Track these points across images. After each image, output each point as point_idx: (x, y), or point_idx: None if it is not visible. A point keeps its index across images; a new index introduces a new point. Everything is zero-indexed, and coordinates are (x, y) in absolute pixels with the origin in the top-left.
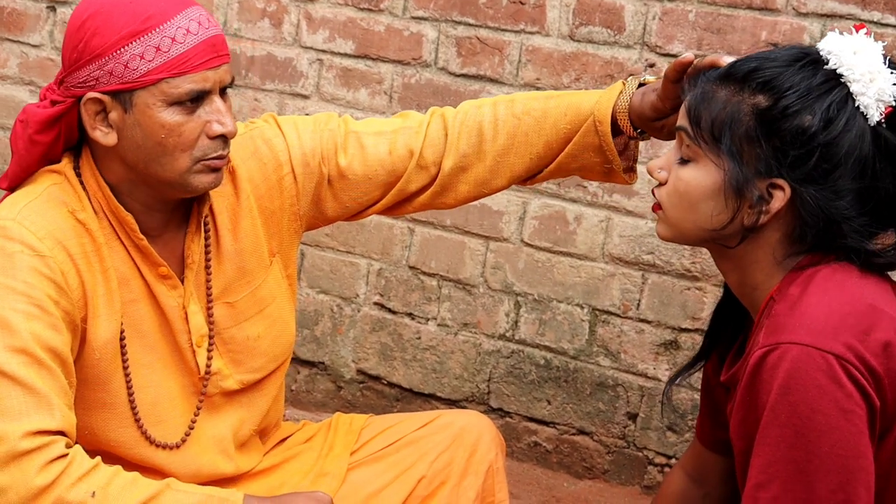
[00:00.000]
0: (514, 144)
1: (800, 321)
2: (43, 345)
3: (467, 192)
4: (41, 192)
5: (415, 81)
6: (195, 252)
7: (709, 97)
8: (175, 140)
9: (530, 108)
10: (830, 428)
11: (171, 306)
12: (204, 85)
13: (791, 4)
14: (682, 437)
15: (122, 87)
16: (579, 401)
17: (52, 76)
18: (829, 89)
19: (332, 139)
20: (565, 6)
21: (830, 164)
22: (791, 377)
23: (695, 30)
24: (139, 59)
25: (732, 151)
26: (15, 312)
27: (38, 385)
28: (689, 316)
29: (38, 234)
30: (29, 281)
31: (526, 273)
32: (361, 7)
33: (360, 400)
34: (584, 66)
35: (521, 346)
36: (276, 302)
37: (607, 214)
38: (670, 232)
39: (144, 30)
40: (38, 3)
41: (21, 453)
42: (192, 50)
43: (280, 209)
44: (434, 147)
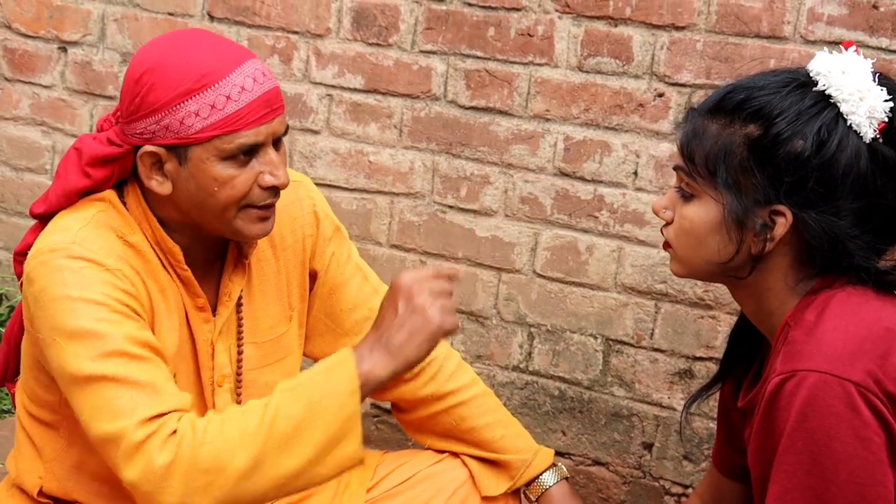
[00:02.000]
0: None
1: (817, 348)
2: (135, 341)
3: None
4: (90, 218)
5: (424, 115)
6: (233, 290)
7: (700, 133)
8: (228, 192)
9: (476, 424)
10: (848, 456)
11: (202, 340)
12: (256, 139)
13: (799, 32)
14: (699, 466)
15: (178, 142)
16: (594, 431)
17: (63, 116)
18: (818, 111)
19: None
20: (573, 38)
21: (828, 185)
22: (808, 404)
23: (703, 59)
24: (194, 117)
25: (729, 184)
26: (100, 322)
27: (140, 377)
28: (702, 344)
29: (99, 252)
30: (105, 291)
31: (539, 304)
32: (370, 42)
33: (374, 434)
34: (593, 96)
35: (535, 378)
36: (293, 356)
37: (619, 244)
38: (683, 269)
39: (200, 88)
40: (49, 44)
41: (139, 443)
42: (247, 108)
43: (301, 264)
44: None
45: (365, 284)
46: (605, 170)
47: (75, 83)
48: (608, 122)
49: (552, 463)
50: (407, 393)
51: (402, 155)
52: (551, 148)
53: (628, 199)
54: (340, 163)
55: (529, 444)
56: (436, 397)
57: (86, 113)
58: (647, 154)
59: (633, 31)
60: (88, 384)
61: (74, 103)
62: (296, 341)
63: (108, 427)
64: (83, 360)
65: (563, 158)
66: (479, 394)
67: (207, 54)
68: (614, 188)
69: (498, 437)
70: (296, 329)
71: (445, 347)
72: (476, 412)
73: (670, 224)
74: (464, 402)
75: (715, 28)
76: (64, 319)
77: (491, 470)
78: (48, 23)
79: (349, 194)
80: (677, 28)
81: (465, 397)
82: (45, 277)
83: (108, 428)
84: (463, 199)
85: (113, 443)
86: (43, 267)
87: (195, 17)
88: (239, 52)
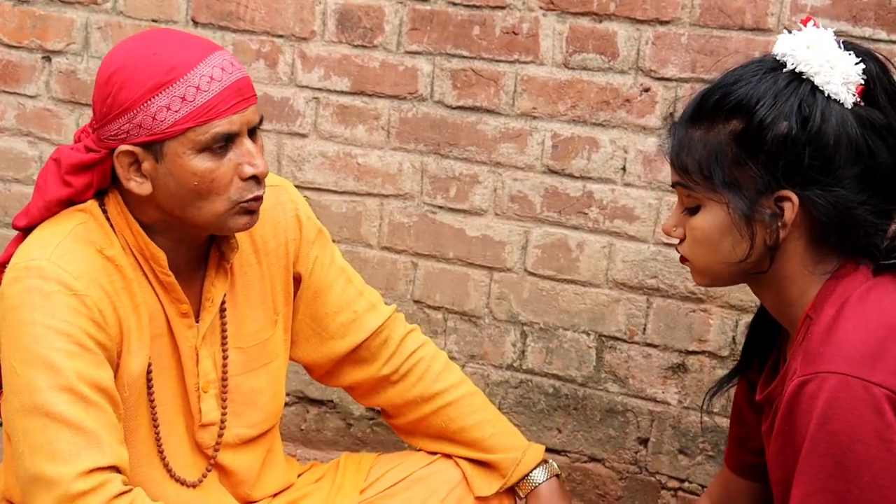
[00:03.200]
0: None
1: (837, 349)
2: (88, 382)
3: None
4: (69, 232)
5: (412, 115)
6: (216, 295)
7: (686, 143)
8: (208, 186)
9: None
10: (871, 458)
11: (186, 346)
12: (230, 128)
13: (783, 24)
14: (694, 460)
15: (152, 138)
16: (589, 428)
17: (49, 126)
18: (795, 89)
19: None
20: (558, 35)
21: (823, 159)
22: (830, 407)
23: (688, 52)
24: (166, 111)
25: (727, 183)
26: (57, 352)
27: (85, 423)
28: (695, 338)
29: (73, 273)
30: (68, 320)
31: (531, 302)
32: (355, 44)
33: (370, 437)
34: (580, 93)
35: (529, 376)
36: (278, 359)
37: (609, 240)
38: (705, 279)
39: (169, 81)
40: (32, 53)
41: (76, 495)
42: (217, 97)
43: (285, 269)
44: (398, 361)
45: (349, 287)
46: (593, 166)
47: (60, 93)
48: (595, 119)
49: (543, 460)
50: (395, 397)
51: (390, 156)
52: (539, 146)
53: (617, 194)
54: (329, 166)
55: (519, 441)
56: (424, 399)
57: (72, 122)
58: (634, 149)
59: (617, 26)
60: (33, 416)
61: (60, 113)
62: (281, 346)
63: (45, 468)
64: (34, 391)
65: (551, 156)
66: (467, 393)
67: (174, 49)
68: (603, 184)
69: (487, 436)
70: (281, 333)
71: (432, 348)
72: (464, 412)
73: (683, 240)
74: (452, 403)
75: (699, 21)
76: (25, 343)
77: (482, 470)
78: (31, 32)
79: (338, 197)
80: (662, 22)
81: (453, 397)
82: (16, 297)
83: (46, 470)
84: (452, 199)
85: (45, 485)
86: (16, 285)
87: (179, 23)
88: (205, 44)
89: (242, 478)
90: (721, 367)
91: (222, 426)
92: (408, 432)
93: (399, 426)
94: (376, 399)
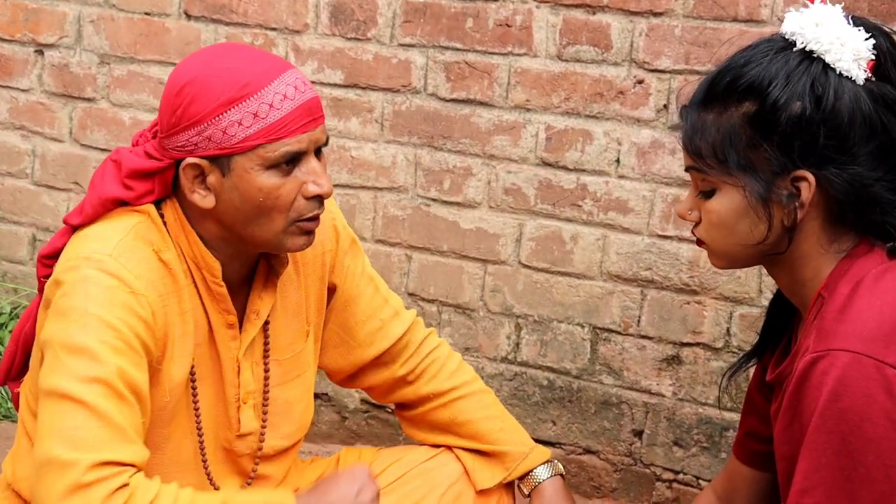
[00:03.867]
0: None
1: (851, 328)
2: (126, 380)
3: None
4: (130, 229)
5: (405, 108)
6: (262, 308)
7: (699, 127)
8: (273, 203)
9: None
10: (879, 437)
11: (228, 357)
12: (300, 147)
13: (776, 15)
14: (689, 451)
15: (220, 152)
16: (584, 420)
17: (42, 120)
18: (806, 68)
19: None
20: (552, 27)
21: (838, 137)
22: (841, 384)
23: (682, 44)
24: (237, 126)
25: (742, 165)
26: (103, 344)
27: (116, 418)
28: (689, 330)
29: (133, 271)
30: (121, 316)
31: (525, 295)
32: (349, 37)
33: (365, 430)
34: (573, 85)
35: (524, 368)
36: (309, 370)
37: (603, 232)
38: (722, 261)
39: (242, 97)
40: (25, 47)
41: (85, 484)
42: (290, 115)
43: (320, 279)
44: (415, 364)
45: (376, 295)
46: (587, 158)
47: (53, 86)
48: (589, 111)
49: (548, 459)
50: (409, 394)
51: (384, 149)
52: (533, 138)
53: (611, 186)
54: None
55: (526, 440)
56: (436, 394)
57: (65, 116)
58: (628, 141)
59: (611, 18)
60: (63, 401)
61: (53, 106)
62: (311, 357)
63: (60, 452)
64: (71, 378)
65: (545, 148)
66: (478, 390)
67: (248, 64)
68: (597, 176)
69: (496, 430)
70: (311, 345)
71: (447, 349)
72: (474, 406)
73: (699, 224)
74: (463, 397)
75: (693, 13)
76: (73, 331)
77: (485, 462)
78: (24, 25)
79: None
80: (655, 14)
81: (465, 392)
82: (72, 284)
83: (61, 454)
84: (446, 191)
85: (57, 469)
86: (73, 273)
87: (172, 16)
88: (278, 62)
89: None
90: (715, 358)
91: (262, 438)
92: (415, 424)
93: (409, 417)
94: (391, 397)
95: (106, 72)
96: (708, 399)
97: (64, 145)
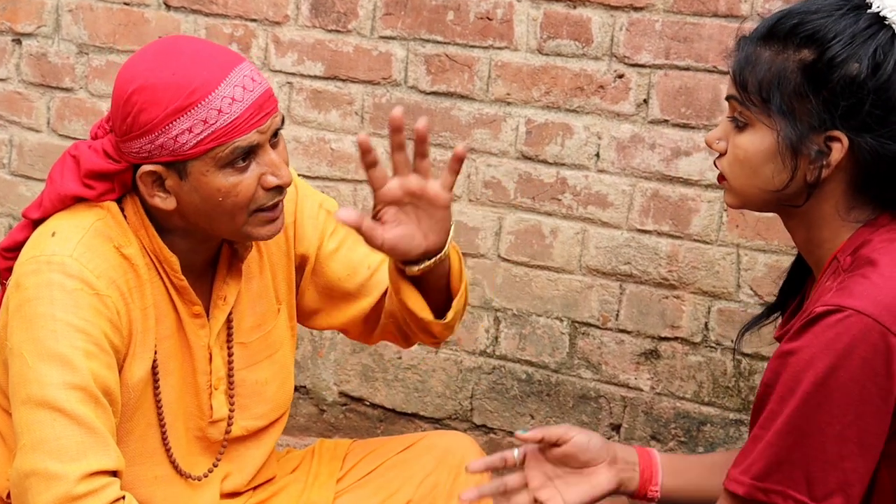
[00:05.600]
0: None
1: (871, 291)
2: (100, 383)
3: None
4: (89, 227)
5: (385, 101)
6: (229, 294)
7: (752, 60)
8: (233, 200)
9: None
10: (856, 402)
11: (199, 346)
12: (251, 141)
13: (756, 10)
14: (666, 445)
15: (174, 159)
16: (562, 414)
17: (20, 109)
18: (874, 33)
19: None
20: (532, 20)
21: (885, 108)
22: (843, 342)
23: (662, 39)
24: (188, 134)
25: (783, 110)
26: (75, 350)
27: (95, 424)
28: (667, 324)
29: (94, 271)
30: (89, 319)
31: (504, 288)
32: (329, 29)
33: (343, 422)
34: (554, 79)
35: (503, 362)
36: (283, 348)
37: (583, 227)
38: (737, 200)
39: (190, 104)
40: (2, 36)
41: (78, 496)
42: (239, 118)
43: (286, 255)
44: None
45: (357, 247)
46: (567, 152)
47: (31, 75)
48: (569, 105)
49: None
50: (354, 312)
51: None
52: (513, 132)
53: (591, 181)
54: (302, 151)
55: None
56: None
57: (42, 106)
58: (608, 136)
59: (591, 12)
60: (42, 410)
61: (31, 96)
62: (286, 333)
63: (47, 464)
64: (47, 386)
65: (525, 142)
66: None
67: (194, 68)
68: (577, 171)
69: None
70: (285, 321)
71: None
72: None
73: (723, 155)
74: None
75: (673, 8)
76: (42, 337)
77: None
78: (1, 14)
79: (312, 182)
80: (636, 9)
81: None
82: (35, 289)
83: (48, 466)
84: None
85: (44, 482)
86: (35, 277)
87: (151, 6)
88: (226, 59)
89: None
90: (693, 353)
91: (230, 421)
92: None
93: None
94: (336, 325)
95: (84, 62)
96: (686, 393)
97: (42, 135)
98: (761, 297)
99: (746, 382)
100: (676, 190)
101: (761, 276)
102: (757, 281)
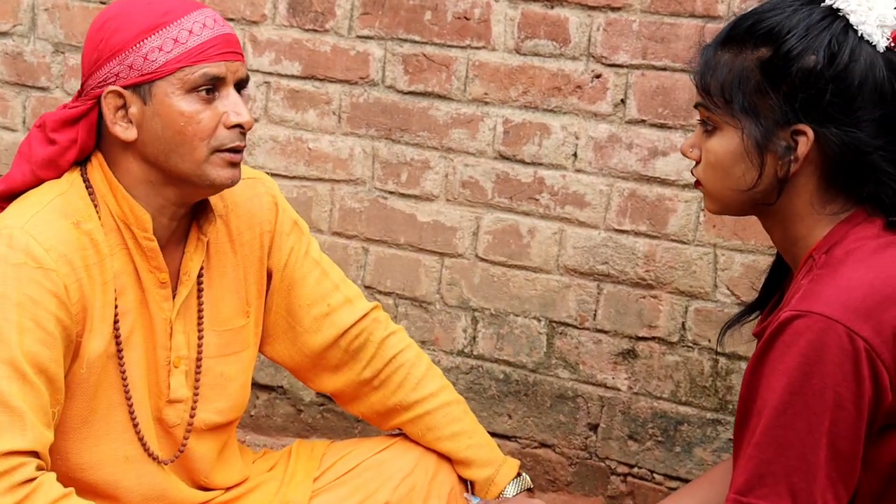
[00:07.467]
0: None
1: (837, 294)
2: (32, 360)
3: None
4: (47, 203)
5: (363, 100)
6: (192, 268)
7: (713, 64)
8: (194, 128)
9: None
10: (836, 406)
11: (161, 319)
12: (220, 70)
13: (733, 11)
14: (644, 445)
15: (142, 79)
16: (540, 414)
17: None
18: (828, 25)
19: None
20: (510, 20)
21: (845, 98)
22: (812, 348)
23: (639, 39)
24: (158, 51)
25: (746, 109)
26: (8, 323)
27: (14, 402)
28: (645, 324)
29: (44, 244)
30: (29, 293)
31: (482, 288)
32: (307, 28)
33: (320, 423)
34: (531, 79)
35: (480, 362)
36: (248, 350)
37: (560, 226)
38: (715, 205)
39: (163, 23)
40: None
41: None
42: (209, 41)
43: (259, 261)
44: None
45: (324, 280)
46: (544, 152)
47: (6, 74)
48: (547, 105)
49: (518, 473)
50: (377, 403)
51: (341, 141)
52: (491, 131)
53: (568, 180)
54: (280, 150)
55: (495, 454)
56: (403, 407)
57: (18, 105)
58: (586, 136)
59: (569, 12)
60: None
61: (6, 95)
62: (252, 338)
63: None
64: None
65: (502, 142)
66: (445, 402)
67: (168, 1)
68: (554, 170)
69: (463, 448)
70: (252, 325)
71: (415, 351)
72: (441, 422)
73: (699, 163)
74: (429, 412)
75: (650, 8)
76: None
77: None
78: None
79: (289, 182)
80: (613, 9)
81: (432, 406)
82: None
83: None
84: (403, 184)
85: None
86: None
87: None
88: (195, 1)
89: (199, 465)
90: (671, 353)
91: (193, 407)
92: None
93: (380, 426)
94: (360, 407)
95: (60, 61)
96: (663, 393)
97: (17, 134)
98: (738, 297)
99: (723, 382)
100: (654, 190)
101: (738, 276)
102: (734, 281)
